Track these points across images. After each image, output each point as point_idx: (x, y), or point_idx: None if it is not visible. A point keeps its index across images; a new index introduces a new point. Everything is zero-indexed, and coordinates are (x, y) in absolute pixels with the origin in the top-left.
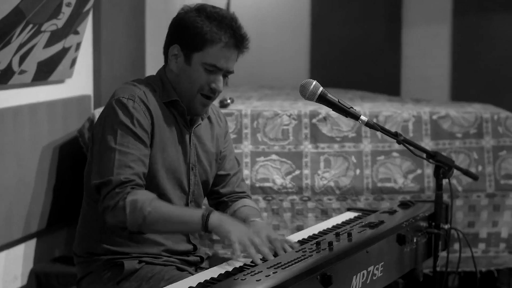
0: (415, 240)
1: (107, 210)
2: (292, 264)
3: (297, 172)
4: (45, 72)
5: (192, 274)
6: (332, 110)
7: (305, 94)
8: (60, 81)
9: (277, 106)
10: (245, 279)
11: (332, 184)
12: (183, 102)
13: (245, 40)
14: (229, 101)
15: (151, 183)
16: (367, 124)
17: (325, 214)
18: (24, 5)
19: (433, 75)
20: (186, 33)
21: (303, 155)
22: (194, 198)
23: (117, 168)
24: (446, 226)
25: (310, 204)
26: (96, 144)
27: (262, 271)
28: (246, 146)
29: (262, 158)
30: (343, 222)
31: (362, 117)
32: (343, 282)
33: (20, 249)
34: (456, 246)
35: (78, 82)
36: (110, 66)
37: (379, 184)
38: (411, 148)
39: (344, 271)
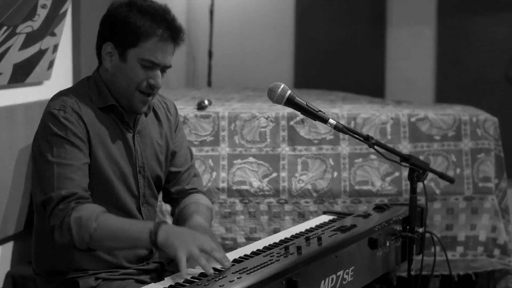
0: (388, 244)
1: (54, 230)
2: (258, 269)
3: (274, 174)
4: (21, 74)
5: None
6: (301, 113)
7: (273, 97)
8: (38, 83)
9: (256, 108)
10: (208, 284)
11: (309, 187)
12: (121, 101)
13: (181, 32)
14: (206, 103)
15: (106, 191)
16: (336, 128)
17: (302, 217)
18: None
19: (417, 77)
20: (118, 29)
21: (280, 158)
22: (145, 200)
23: (57, 182)
24: (421, 230)
25: (287, 207)
26: (34, 161)
27: (226, 276)
28: (223, 149)
29: (239, 161)
30: (316, 226)
31: (331, 121)
32: (310, 287)
33: None
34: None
35: (57, 84)
36: (90, 68)
37: (357, 187)
38: (382, 151)
39: (311, 275)
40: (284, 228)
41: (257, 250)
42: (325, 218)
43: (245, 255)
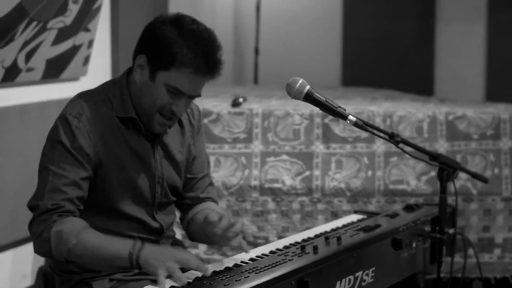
0: (414, 245)
1: (33, 237)
2: (269, 269)
3: (308, 173)
4: (55, 70)
5: None
6: (320, 109)
7: (291, 92)
8: (74, 78)
9: (293, 105)
10: (214, 283)
11: (342, 185)
12: (142, 117)
13: (218, 67)
14: (241, 100)
15: (111, 204)
16: (356, 125)
17: (335, 216)
18: (26, 3)
19: (467, 75)
20: (155, 46)
21: (314, 156)
22: (160, 208)
23: (48, 191)
24: (451, 231)
25: (320, 206)
26: (40, 160)
27: (234, 275)
28: (256, 146)
29: (272, 158)
30: (343, 225)
31: (350, 117)
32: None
33: (28, 247)
34: (471, 251)
35: (95, 79)
36: (128, 64)
37: (391, 186)
38: (408, 150)
39: (325, 276)
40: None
41: (276, 249)
42: (354, 217)
43: (262, 254)
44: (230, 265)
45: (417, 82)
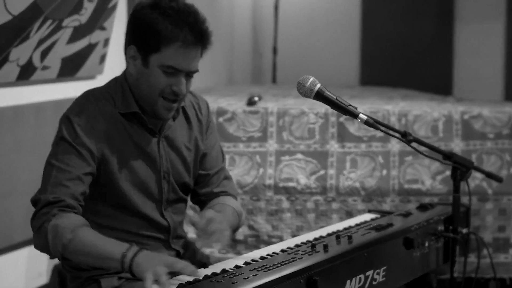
0: (426, 244)
1: (33, 232)
2: (278, 267)
3: (322, 172)
4: (71, 69)
5: None
6: (331, 108)
7: (302, 91)
8: (90, 77)
9: (308, 104)
10: (222, 281)
11: (357, 184)
12: (145, 107)
13: (206, 35)
14: (256, 98)
15: (122, 198)
16: (367, 123)
17: (350, 215)
18: (41, 1)
19: (486, 74)
20: (141, 33)
21: (329, 155)
22: (169, 205)
23: (51, 186)
24: (464, 230)
25: (335, 205)
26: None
27: (243, 273)
28: (271, 145)
29: (287, 157)
30: (356, 224)
31: (361, 115)
32: (333, 287)
33: None
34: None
35: (111, 78)
36: None
37: (406, 186)
38: (420, 149)
39: (335, 275)
40: None
41: (287, 247)
42: (368, 216)
43: (273, 252)
44: (240, 263)
45: (435, 81)
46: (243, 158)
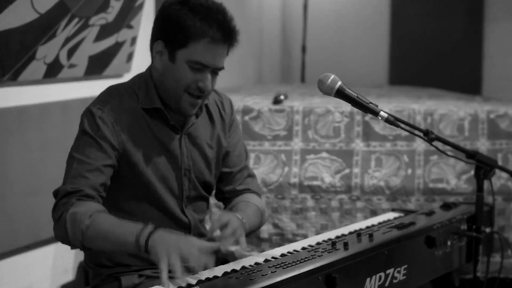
0: (449, 243)
1: (54, 223)
2: (297, 264)
3: (347, 170)
4: (98, 67)
5: None
6: (352, 105)
7: (323, 88)
8: (118, 75)
9: (334, 102)
10: (240, 277)
11: (382, 183)
12: (170, 102)
13: (234, 33)
14: (282, 97)
15: (147, 193)
16: (387, 121)
17: (374, 214)
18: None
19: None
20: (169, 28)
21: (354, 153)
22: (190, 202)
23: (71, 177)
24: (488, 230)
25: (359, 204)
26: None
27: (261, 270)
28: (297, 144)
29: (312, 156)
30: (379, 223)
31: (382, 113)
32: (353, 284)
33: None
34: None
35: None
36: None
37: (431, 185)
38: (441, 148)
39: (354, 272)
40: None
41: (308, 245)
42: (391, 215)
43: (294, 250)
44: (260, 260)
45: (465, 81)
46: (268, 157)
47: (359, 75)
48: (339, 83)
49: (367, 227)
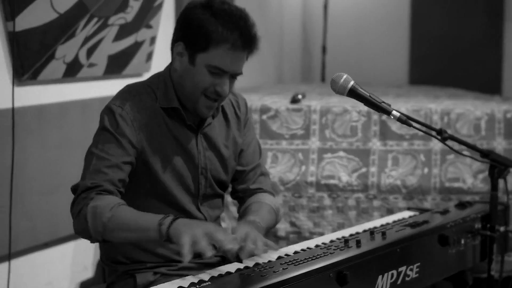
0: (462, 242)
1: (73, 218)
2: (309, 261)
3: (364, 169)
4: (117, 66)
5: None
6: (364, 104)
7: (336, 88)
8: (137, 74)
9: (351, 102)
10: (252, 274)
11: (398, 182)
12: (187, 103)
13: (254, 40)
14: (300, 96)
15: (162, 191)
16: (400, 120)
17: (391, 213)
18: None
19: None
20: (191, 31)
21: (370, 153)
22: (205, 200)
23: (91, 173)
24: (502, 228)
25: (376, 203)
26: None
27: (273, 267)
28: (314, 142)
29: (329, 155)
30: (393, 221)
31: (394, 112)
32: (364, 281)
33: None
34: None
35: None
36: None
37: (447, 184)
38: (455, 148)
39: (366, 270)
40: None
41: (322, 243)
42: (406, 214)
43: (307, 247)
44: (274, 257)
45: (484, 80)
46: (285, 155)
47: (379, 75)
48: (352, 82)
49: (382, 225)
